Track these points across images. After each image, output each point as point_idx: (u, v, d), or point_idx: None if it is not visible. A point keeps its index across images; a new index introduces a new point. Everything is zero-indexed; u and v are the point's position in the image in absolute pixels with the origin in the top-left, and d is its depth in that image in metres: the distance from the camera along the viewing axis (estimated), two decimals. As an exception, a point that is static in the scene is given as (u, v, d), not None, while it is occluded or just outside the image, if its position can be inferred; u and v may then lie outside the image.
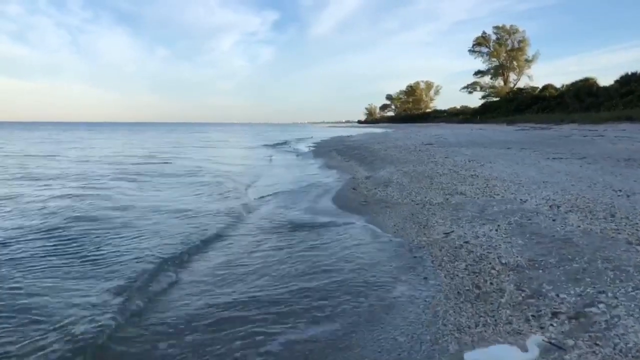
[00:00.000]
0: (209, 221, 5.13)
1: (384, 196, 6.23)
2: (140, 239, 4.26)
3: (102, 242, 4.09)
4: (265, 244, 4.19)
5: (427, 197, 5.92)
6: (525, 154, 10.44)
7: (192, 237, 4.34)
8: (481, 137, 17.93)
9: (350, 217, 5.30)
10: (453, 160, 9.87)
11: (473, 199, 5.62)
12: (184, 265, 3.52)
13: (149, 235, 4.41)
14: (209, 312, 2.61)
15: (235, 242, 4.33)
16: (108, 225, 4.80)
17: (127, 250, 3.84)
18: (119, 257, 3.65)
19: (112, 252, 3.78)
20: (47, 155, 15.73)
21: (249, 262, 3.62)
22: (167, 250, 3.84)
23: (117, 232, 4.51)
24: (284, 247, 4.04)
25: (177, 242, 4.13)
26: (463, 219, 4.56)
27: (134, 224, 4.90)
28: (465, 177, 7.38)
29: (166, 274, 3.24)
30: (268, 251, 3.94)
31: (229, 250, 4.03)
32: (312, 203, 6.39)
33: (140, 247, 3.93)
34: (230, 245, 4.21)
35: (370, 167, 9.91)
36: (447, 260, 3.34)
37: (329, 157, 13.82)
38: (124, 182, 8.58)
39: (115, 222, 4.99)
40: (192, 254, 3.82)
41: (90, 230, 4.57)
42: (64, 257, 3.61)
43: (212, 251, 3.99)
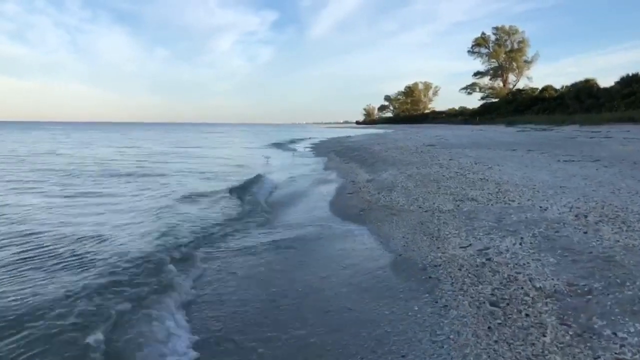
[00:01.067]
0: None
1: (389, 202, 5.72)
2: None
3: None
4: (241, 266, 3.67)
5: (435, 204, 5.42)
6: (533, 156, 9.96)
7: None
8: (483, 139, 17.48)
9: (352, 226, 4.79)
10: (458, 163, 9.39)
11: (486, 206, 5.13)
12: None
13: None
14: None
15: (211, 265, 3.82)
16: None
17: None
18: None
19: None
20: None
21: (206, 302, 3.09)
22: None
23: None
24: (263, 267, 3.52)
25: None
26: (479, 230, 4.06)
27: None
28: (474, 180, 6.89)
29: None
30: (237, 280, 3.31)
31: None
32: (308, 211, 5.87)
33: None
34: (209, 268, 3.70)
35: (371, 169, 9.41)
36: (469, 283, 2.83)
37: (328, 159, 13.32)
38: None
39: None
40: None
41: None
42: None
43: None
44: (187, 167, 11.75)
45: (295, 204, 6.49)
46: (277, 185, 8.46)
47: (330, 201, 6.28)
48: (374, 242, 4.09)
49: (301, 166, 12.43)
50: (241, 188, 7.50)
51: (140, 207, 6.08)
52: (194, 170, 11.12)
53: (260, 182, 8.33)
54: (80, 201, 6.54)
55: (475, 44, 64.55)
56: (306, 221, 5.19)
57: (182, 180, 9.04)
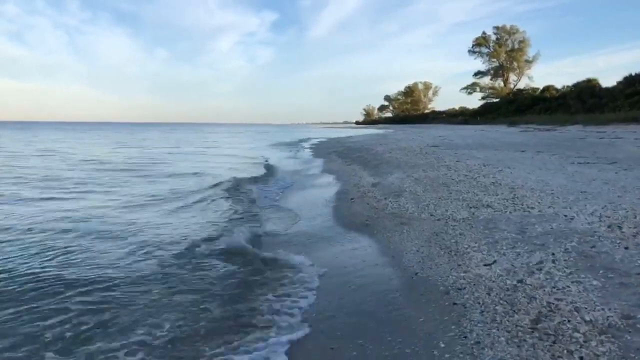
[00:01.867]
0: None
1: (397, 209, 5.29)
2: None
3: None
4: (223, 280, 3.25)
5: (448, 211, 5.00)
6: (544, 158, 9.54)
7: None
8: (488, 139, 17.06)
9: (358, 237, 4.36)
10: (466, 165, 8.97)
11: (504, 214, 4.71)
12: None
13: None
14: None
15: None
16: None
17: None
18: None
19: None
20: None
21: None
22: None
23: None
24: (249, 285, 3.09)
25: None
26: (502, 243, 3.63)
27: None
28: (486, 185, 6.47)
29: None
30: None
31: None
32: (310, 219, 5.44)
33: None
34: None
35: (375, 172, 8.99)
36: (502, 312, 2.41)
37: (329, 160, 12.87)
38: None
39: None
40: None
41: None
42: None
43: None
44: (192, 167, 11.36)
45: (295, 212, 6.06)
46: (276, 189, 8.04)
47: (334, 207, 5.86)
48: (385, 257, 3.67)
49: (301, 168, 12.01)
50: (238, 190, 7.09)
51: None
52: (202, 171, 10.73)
53: (264, 180, 7.92)
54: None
55: (476, 43, 64.04)
56: (308, 231, 4.77)
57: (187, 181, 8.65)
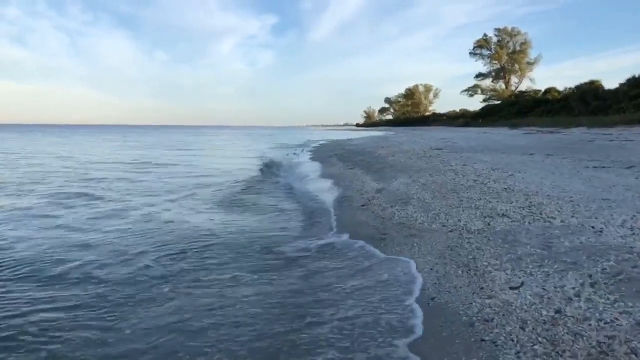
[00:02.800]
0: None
1: (405, 218, 4.88)
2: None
3: None
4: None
5: (461, 221, 4.59)
6: (555, 162, 9.13)
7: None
8: (492, 142, 16.66)
9: (364, 251, 3.95)
10: (474, 169, 8.56)
11: (522, 224, 4.30)
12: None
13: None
14: None
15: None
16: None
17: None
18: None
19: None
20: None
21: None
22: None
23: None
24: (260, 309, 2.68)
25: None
26: (527, 260, 3.22)
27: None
28: (498, 191, 6.06)
29: None
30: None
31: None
32: (308, 228, 5.03)
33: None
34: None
35: (379, 176, 8.57)
36: (543, 354, 1.99)
37: (329, 164, 12.45)
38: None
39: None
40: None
41: None
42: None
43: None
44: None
45: (295, 220, 5.65)
46: (275, 193, 7.63)
47: (337, 217, 5.44)
48: (395, 275, 3.25)
49: (299, 171, 11.60)
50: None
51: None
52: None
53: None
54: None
55: (477, 45, 63.77)
56: (309, 241, 4.35)
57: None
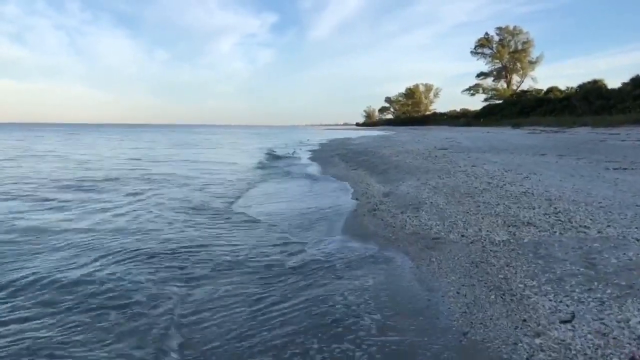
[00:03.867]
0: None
1: (419, 227, 4.38)
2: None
3: None
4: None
5: (482, 231, 4.10)
6: (570, 163, 8.64)
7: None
8: (499, 141, 16.16)
9: (375, 269, 3.45)
10: (485, 170, 8.07)
11: (553, 234, 3.81)
12: None
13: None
14: None
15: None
16: None
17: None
18: None
19: None
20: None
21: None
22: None
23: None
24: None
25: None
26: (570, 282, 2.73)
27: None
28: (516, 195, 5.57)
29: None
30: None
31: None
32: (311, 236, 4.52)
33: None
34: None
35: (384, 178, 8.08)
36: None
37: (331, 165, 11.95)
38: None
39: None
40: None
41: None
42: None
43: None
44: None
45: (295, 227, 5.15)
46: (275, 195, 7.13)
47: (342, 224, 4.93)
48: (415, 303, 2.76)
49: (301, 173, 11.10)
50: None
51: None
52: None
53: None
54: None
55: (479, 44, 63.26)
56: (309, 259, 3.85)
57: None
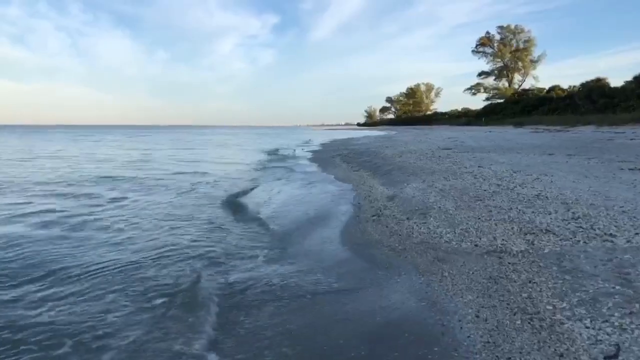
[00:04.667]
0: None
1: (427, 235, 4.03)
2: None
3: None
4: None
5: (497, 239, 3.74)
6: (582, 163, 8.27)
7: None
8: (503, 141, 15.79)
9: (382, 284, 3.09)
10: (492, 171, 7.71)
11: (576, 244, 3.46)
12: None
13: None
14: None
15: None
16: None
17: None
18: None
19: None
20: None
21: None
22: None
23: None
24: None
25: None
26: (607, 304, 2.37)
27: None
28: (529, 198, 5.21)
29: None
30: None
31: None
32: (306, 253, 4.15)
33: None
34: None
35: (388, 179, 7.72)
36: None
37: (332, 166, 11.57)
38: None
39: None
40: None
41: None
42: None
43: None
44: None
45: (287, 239, 4.79)
46: (269, 199, 6.78)
47: (342, 231, 4.57)
48: (429, 327, 2.40)
49: (300, 173, 10.75)
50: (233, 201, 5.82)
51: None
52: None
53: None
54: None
55: (480, 43, 62.82)
56: (305, 269, 3.50)
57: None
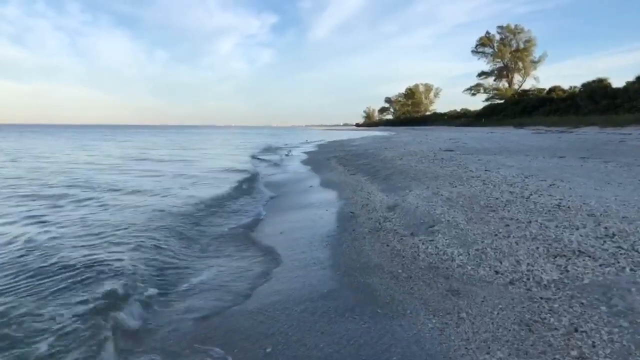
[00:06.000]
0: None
1: (437, 257, 3.35)
2: None
3: None
4: None
5: (520, 263, 3.08)
6: (598, 167, 7.62)
7: None
8: (508, 142, 15.14)
9: (378, 333, 2.41)
10: (501, 176, 7.05)
11: (620, 271, 2.81)
12: None
13: None
14: None
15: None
16: None
17: None
18: None
19: None
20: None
21: None
22: None
23: None
24: None
25: None
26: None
27: None
28: (549, 209, 4.56)
29: None
30: None
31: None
32: (288, 278, 3.48)
33: None
34: None
35: (388, 185, 7.05)
36: None
37: (328, 169, 10.88)
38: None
39: None
40: None
41: None
42: None
43: None
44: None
45: (269, 256, 4.12)
46: (249, 215, 6.11)
47: (334, 250, 3.89)
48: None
49: (292, 177, 10.07)
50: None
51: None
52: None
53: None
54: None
55: (480, 43, 62.30)
56: (283, 304, 2.83)
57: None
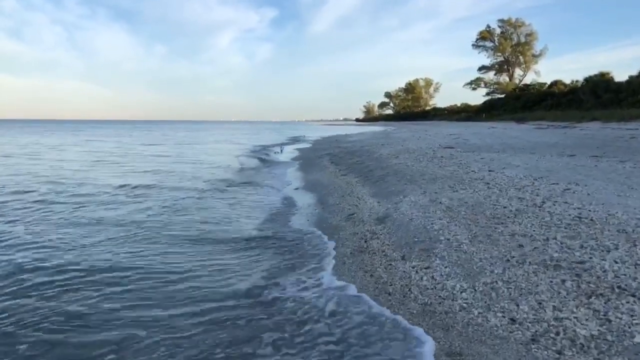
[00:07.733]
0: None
1: (433, 293, 2.60)
2: None
3: None
4: None
5: (544, 307, 2.34)
6: (614, 167, 6.87)
7: None
8: (511, 139, 14.36)
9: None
10: (507, 178, 6.30)
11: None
12: None
13: None
14: None
15: None
16: None
17: None
18: None
19: None
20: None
21: None
22: None
23: None
24: None
25: None
26: None
27: None
28: (568, 222, 3.83)
29: None
30: None
31: None
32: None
33: None
34: None
35: (380, 189, 6.29)
36: None
37: (318, 168, 10.08)
38: None
39: None
40: None
41: None
42: None
43: None
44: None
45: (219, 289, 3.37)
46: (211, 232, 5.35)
47: (315, 275, 3.14)
48: None
49: (274, 180, 9.29)
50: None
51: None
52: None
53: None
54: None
55: (480, 37, 61.19)
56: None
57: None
